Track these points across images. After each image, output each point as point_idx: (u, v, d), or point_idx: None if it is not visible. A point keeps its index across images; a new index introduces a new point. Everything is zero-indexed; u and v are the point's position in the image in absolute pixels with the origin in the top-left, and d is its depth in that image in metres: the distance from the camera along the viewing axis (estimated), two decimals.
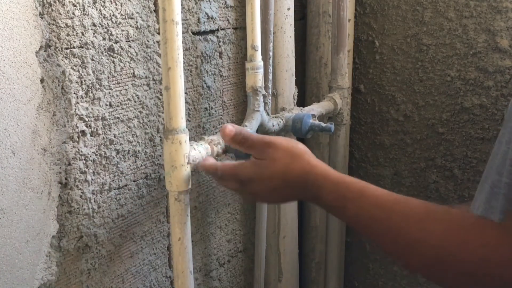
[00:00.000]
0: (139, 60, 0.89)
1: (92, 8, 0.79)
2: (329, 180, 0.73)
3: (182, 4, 0.94)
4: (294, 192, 0.76)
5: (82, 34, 0.78)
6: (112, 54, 0.84)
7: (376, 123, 1.44)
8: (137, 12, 0.87)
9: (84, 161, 0.82)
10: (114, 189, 0.89)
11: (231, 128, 0.80)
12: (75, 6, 0.77)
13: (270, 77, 1.09)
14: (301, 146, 0.78)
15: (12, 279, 0.73)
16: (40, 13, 0.72)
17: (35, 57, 0.72)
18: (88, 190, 0.83)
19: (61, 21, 0.75)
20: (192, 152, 0.82)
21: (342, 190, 0.71)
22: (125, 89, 0.87)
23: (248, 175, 0.77)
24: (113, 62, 0.84)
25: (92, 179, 0.84)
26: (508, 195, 0.67)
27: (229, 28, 1.10)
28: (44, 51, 0.74)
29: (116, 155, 0.88)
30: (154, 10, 0.90)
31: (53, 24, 0.74)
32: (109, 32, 0.83)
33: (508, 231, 0.57)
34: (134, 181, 0.93)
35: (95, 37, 0.80)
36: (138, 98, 0.90)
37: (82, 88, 0.80)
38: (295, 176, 0.75)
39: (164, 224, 1.01)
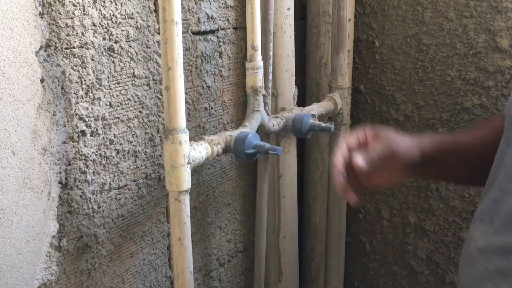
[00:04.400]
0: (139, 60, 0.89)
1: (92, 8, 0.79)
2: None
3: (182, 4, 0.94)
4: None
5: (82, 34, 0.78)
6: (112, 54, 0.84)
7: (376, 123, 1.44)
8: (137, 12, 0.87)
9: (84, 161, 0.82)
10: (114, 189, 0.89)
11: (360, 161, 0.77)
12: (75, 6, 0.77)
13: (270, 77, 1.09)
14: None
15: (12, 279, 0.73)
16: (40, 13, 0.72)
17: (35, 57, 0.72)
18: (88, 190, 0.83)
19: (61, 21, 0.75)
20: (192, 152, 0.82)
21: None
22: (125, 89, 0.87)
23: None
24: (113, 62, 0.84)
25: (92, 179, 0.84)
26: None
27: (229, 28, 1.10)
28: (44, 51, 0.74)
29: (116, 155, 0.88)
30: (154, 10, 0.90)
31: (53, 24, 0.74)
32: (109, 32, 0.83)
33: None
34: (134, 181, 0.93)
35: (95, 37, 0.80)
36: (138, 98, 0.90)
37: (82, 88, 0.80)
38: None
39: (164, 224, 1.01)
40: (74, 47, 0.78)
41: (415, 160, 0.81)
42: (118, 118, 0.87)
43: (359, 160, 0.74)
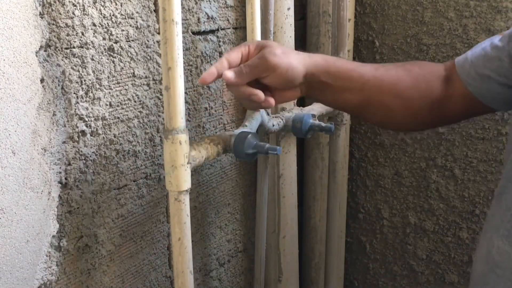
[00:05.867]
0: (139, 60, 0.89)
1: (92, 8, 0.79)
2: None
3: (182, 4, 0.94)
4: None
5: (82, 34, 0.78)
6: (112, 54, 0.84)
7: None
8: (137, 12, 0.87)
9: (84, 161, 0.82)
10: (114, 189, 0.89)
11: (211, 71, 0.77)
12: (75, 6, 0.77)
13: None
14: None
15: (12, 279, 0.73)
16: (40, 13, 0.72)
17: (35, 57, 0.72)
18: (88, 190, 0.83)
19: (61, 21, 0.75)
20: (192, 152, 0.82)
21: None
22: (125, 89, 0.87)
23: None
24: (113, 62, 0.84)
25: (92, 179, 0.84)
26: None
27: (229, 28, 1.10)
28: (44, 51, 0.74)
29: (116, 155, 0.88)
30: (154, 10, 0.90)
31: (53, 24, 0.74)
32: (109, 32, 0.83)
33: None
34: (134, 181, 0.93)
35: (95, 37, 0.80)
36: (138, 98, 0.90)
37: (82, 88, 0.80)
38: None
39: (164, 224, 1.01)
40: (74, 47, 0.78)
41: (298, 76, 0.78)
42: (118, 118, 0.87)
43: (228, 73, 0.76)
